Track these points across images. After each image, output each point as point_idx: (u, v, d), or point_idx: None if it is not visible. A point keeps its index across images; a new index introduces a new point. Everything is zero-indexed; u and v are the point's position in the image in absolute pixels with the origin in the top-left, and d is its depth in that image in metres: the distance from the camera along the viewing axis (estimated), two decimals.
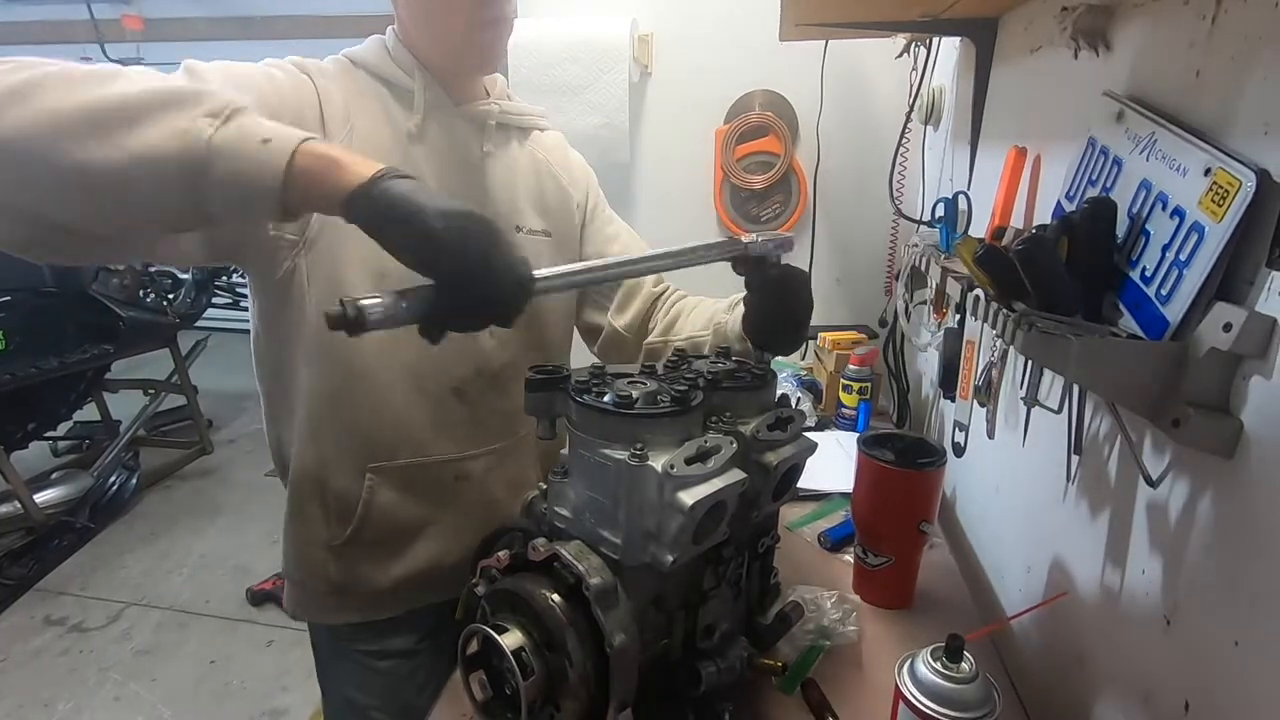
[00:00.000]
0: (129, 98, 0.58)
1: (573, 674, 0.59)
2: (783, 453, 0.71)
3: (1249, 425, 0.49)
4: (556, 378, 0.70)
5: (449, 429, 0.95)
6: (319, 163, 0.59)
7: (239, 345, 3.95)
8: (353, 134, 0.85)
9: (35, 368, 2.72)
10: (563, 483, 0.67)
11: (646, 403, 0.65)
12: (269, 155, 0.58)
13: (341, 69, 0.90)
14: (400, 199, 0.57)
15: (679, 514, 0.58)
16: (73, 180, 0.57)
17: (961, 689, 0.57)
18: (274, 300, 0.88)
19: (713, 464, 0.62)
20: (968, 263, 0.69)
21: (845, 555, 1.04)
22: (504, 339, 0.97)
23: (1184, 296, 0.54)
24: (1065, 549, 0.78)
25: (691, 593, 0.69)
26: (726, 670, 0.69)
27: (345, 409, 0.90)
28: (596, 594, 0.59)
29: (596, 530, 0.64)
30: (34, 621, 2.38)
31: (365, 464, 0.92)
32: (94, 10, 4.74)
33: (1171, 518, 0.58)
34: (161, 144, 0.57)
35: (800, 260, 1.83)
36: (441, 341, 0.59)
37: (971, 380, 0.84)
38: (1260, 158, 0.49)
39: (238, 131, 0.58)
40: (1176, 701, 0.55)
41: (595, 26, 1.70)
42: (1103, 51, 0.75)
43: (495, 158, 0.97)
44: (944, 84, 1.44)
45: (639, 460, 0.60)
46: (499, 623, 0.61)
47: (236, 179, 0.58)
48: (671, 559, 0.60)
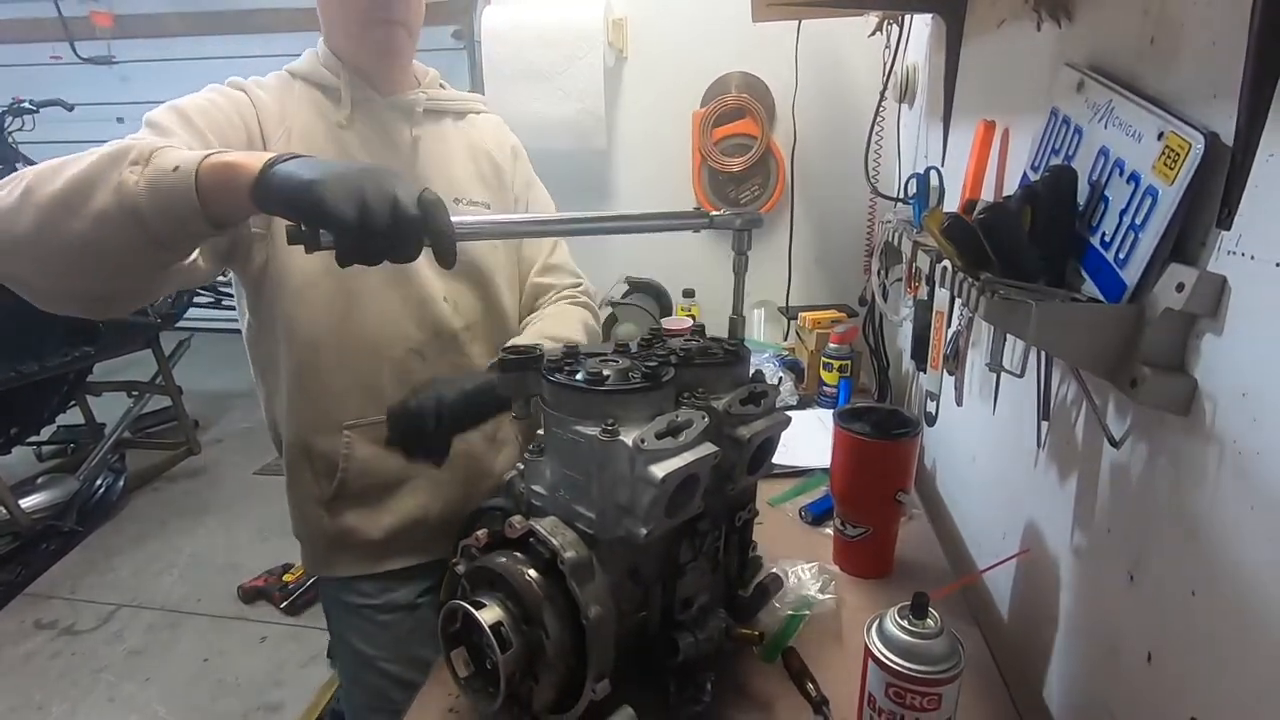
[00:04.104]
0: (79, 175, 0.68)
1: (550, 646, 0.60)
2: (755, 426, 0.72)
3: (1203, 382, 0.51)
4: (530, 357, 0.71)
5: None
6: (220, 171, 0.66)
7: (222, 345, 3.91)
8: (290, 133, 0.98)
9: (15, 372, 2.69)
10: (538, 460, 0.68)
11: (618, 380, 0.65)
12: (180, 179, 0.66)
13: (280, 81, 1.03)
14: (284, 174, 0.64)
15: (651, 487, 0.60)
16: (72, 255, 0.69)
17: (928, 644, 0.58)
18: (254, 291, 1.01)
19: (684, 438, 0.63)
20: (935, 234, 0.70)
21: (826, 529, 1.05)
22: (457, 303, 1.07)
23: (1139, 259, 0.55)
24: (1037, 512, 0.80)
25: (668, 566, 0.71)
26: (705, 641, 0.70)
27: (316, 377, 1.01)
28: (571, 567, 0.61)
29: (571, 506, 0.65)
30: (24, 626, 2.36)
31: (341, 423, 1.03)
32: (62, 7, 4.65)
33: (1133, 476, 0.60)
34: (106, 203, 0.67)
35: (780, 241, 1.84)
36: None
37: (941, 350, 0.85)
38: (1209, 121, 0.50)
39: (155, 170, 0.67)
40: (1140, 653, 0.57)
41: (568, 11, 1.69)
42: (1064, 22, 0.76)
43: (427, 140, 1.08)
44: (917, 61, 1.45)
45: (610, 436, 0.61)
46: (478, 599, 0.62)
47: (165, 210, 0.67)
48: (645, 532, 0.61)
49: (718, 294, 1.82)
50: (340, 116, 1.01)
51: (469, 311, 1.09)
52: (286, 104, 1.00)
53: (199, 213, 0.67)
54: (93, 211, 0.67)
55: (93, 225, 0.67)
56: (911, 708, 0.59)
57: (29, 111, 3.36)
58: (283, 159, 0.65)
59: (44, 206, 0.68)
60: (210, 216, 0.68)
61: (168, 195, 0.66)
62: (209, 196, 0.67)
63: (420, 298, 1.03)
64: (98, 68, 4.84)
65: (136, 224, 0.67)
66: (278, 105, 0.99)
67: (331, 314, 0.99)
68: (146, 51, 4.78)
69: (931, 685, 0.58)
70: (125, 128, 0.78)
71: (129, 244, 0.69)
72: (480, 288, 1.11)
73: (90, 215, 0.67)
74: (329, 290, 0.98)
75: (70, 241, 0.68)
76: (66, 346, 2.90)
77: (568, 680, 0.62)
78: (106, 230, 0.68)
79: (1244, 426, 0.46)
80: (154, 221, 0.67)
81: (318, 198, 0.60)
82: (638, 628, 0.69)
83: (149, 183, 0.66)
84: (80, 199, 0.67)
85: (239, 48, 4.58)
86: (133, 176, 0.67)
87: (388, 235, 0.61)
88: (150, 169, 0.67)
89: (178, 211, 0.67)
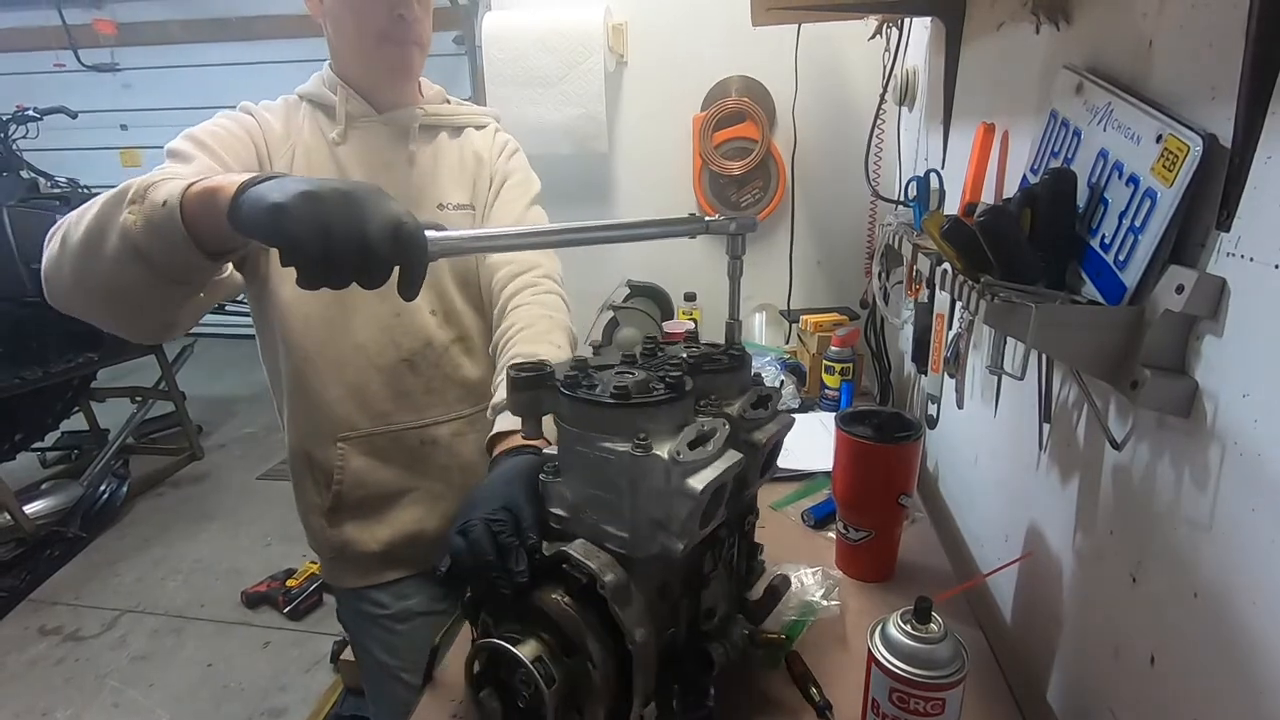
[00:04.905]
0: (91, 221, 0.70)
1: (596, 675, 0.57)
2: (768, 430, 0.71)
3: (1203, 384, 0.51)
4: (542, 375, 0.67)
5: (406, 398, 1.06)
6: (204, 198, 0.65)
7: (226, 350, 3.92)
8: (295, 150, 1.01)
9: (19, 378, 2.70)
10: (556, 482, 0.65)
11: (640, 392, 0.63)
12: (169, 213, 0.66)
13: (287, 103, 1.06)
14: (254, 197, 0.59)
15: (689, 500, 0.58)
16: (105, 296, 0.72)
17: (931, 649, 0.58)
18: (257, 300, 1.03)
19: (711, 447, 0.61)
20: (935, 237, 0.70)
21: (828, 532, 1.05)
22: (446, 315, 1.06)
23: (1139, 261, 0.55)
24: (1039, 515, 0.80)
25: (693, 578, 0.68)
26: (732, 649, 0.69)
27: (310, 386, 1.02)
28: (612, 591, 0.58)
29: (600, 526, 0.62)
30: (28, 632, 2.37)
31: (335, 434, 1.03)
32: (65, 16, 4.67)
33: (1135, 478, 0.60)
34: (115, 246, 0.68)
35: (781, 244, 1.85)
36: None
37: (941, 353, 0.85)
38: (1207, 123, 0.50)
39: (149, 206, 0.67)
40: (1143, 654, 0.57)
41: (568, 16, 1.70)
42: (1063, 25, 0.76)
43: (422, 154, 1.08)
44: (917, 64, 1.45)
45: (644, 450, 0.58)
46: (509, 634, 0.59)
47: (163, 245, 0.67)
48: (682, 546, 0.59)
49: (720, 297, 1.81)
50: (334, 133, 1.03)
51: (459, 323, 1.09)
52: (291, 124, 1.03)
53: (190, 244, 0.66)
54: (108, 257, 0.68)
55: (110, 268, 0.69)
56: (915, 713, 0.59)
57: (33, 119, 3.38)
58: (260, 179, 0.61)
59: (74, 255, 0.71)
60: (202, 246, 0.66)
61: (160, 230, 0.66)
62: (195, 226, 0.65)
63: (409, 309, 1.03)
64: (101, 75, 4.87)
65: (141, 262, 0.67)
66: (282, 126, 1.02)
67: (322, 323, 1.00)
68: (149, 59, 4.81)
69: (935, 690, 0.58)
70: (128, 135, 0.80)
71: (141, 281, 0.70)
72: (472, 299, 1.10)
73: (107, 259, 0.68)
74: (321, 300, 0.98)
75: (100, 285, 0.71)
76: (70, 352, 2.91)
77: (613, 710, 0.60)
78: (123, 273, 0.69)
79: (1245, 428, 0.46)
80: (157, 259, 0.67)
81: (279, 225, 0.56)
82: (668, 644, 0.66)
83: (145, 219, 0.66)
84: (97, 244, 0.69)
85: (241, 55, 4.61)
86: (131, 216, 0.67)
87: (355, 268, 0.56)
88: (145, 205, 0.67)
89: (172, 247, 0.66)
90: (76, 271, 0.71)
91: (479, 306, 1.10)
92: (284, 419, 1.08)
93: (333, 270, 0.56)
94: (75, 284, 0.72)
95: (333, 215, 0.55)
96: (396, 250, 0.56)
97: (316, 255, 0.55)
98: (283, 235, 0.55)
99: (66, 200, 2.99)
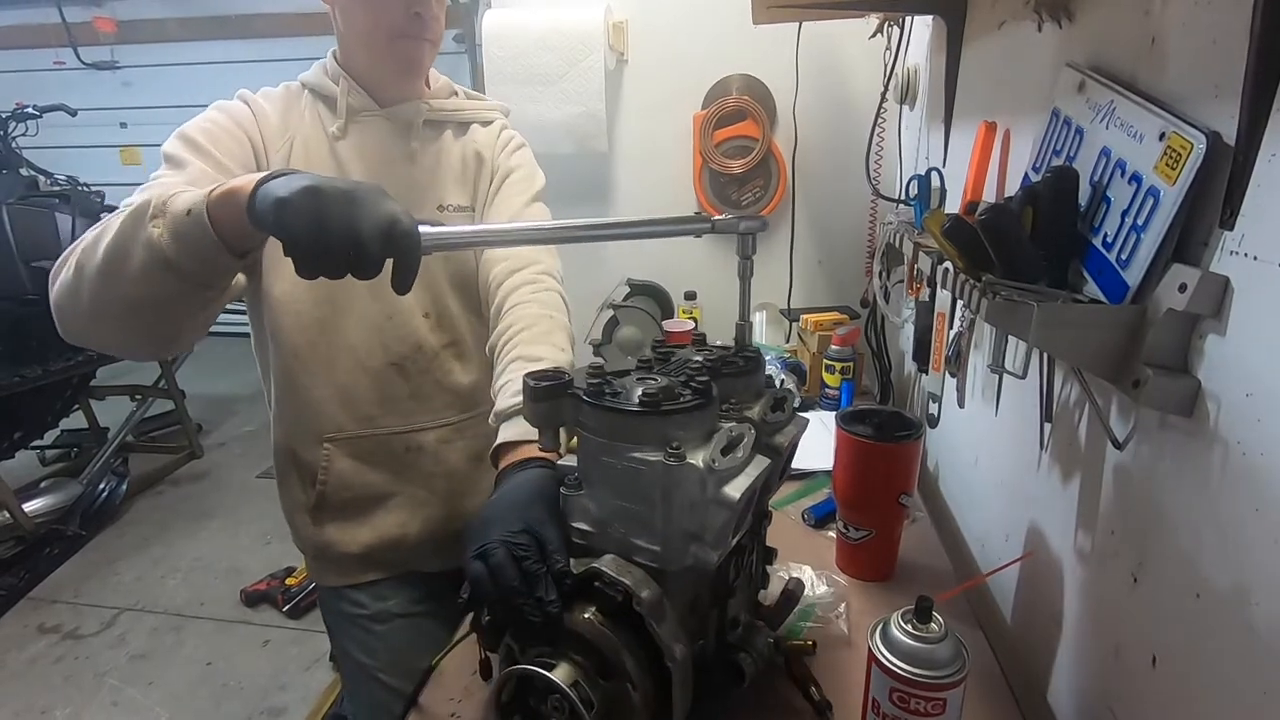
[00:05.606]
0: (112, 243, 0.71)
1: (635, 696, 0.55)
2: (788, 432, 0.70)
3: (1206, 383, 0.50)
4: (562, 384, 0.64)
5: (393, 403, 1.05)
6: (225, 201, 0.67)
7: (225, 349, 3.91)
8: (293, 142, 0.99)
9: (19, 376, 2.69)
10: (579, 495, 0.62)
11: (669, 399, 0.60)
12: (196, 220, 0.67)
13: (287, 91, 1.04)
14: (264, 192, 0.62)
15: (724, 509, 0.56)
16: (129, 315, 0.74)
17: (932, 649, 0.58)
18: (252, 296, 1.01)
19: (742, 453, 0.60)
20: (936, 235, 0.70)
21: (828, 531, 1.05)
22: (440, 319, 1.05)
23: (1142, 260, 0.55)
24: (1041, 514, 0.80)
25: (721, 588, 0.67)
26: (759, 658, 0.68)
27: (298, 384, 1.01)
28: (649, 607, 0.56)
29: (628, 540, 0.60)
30: (28, 630, 2.36)
31: (322, 434, 1.03)
32: (65, 13, 4.66)
33: (1137, 478, 0.59)
34: (142, 262, 0.69)
35: (781, 243, 1.84)
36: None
37: (942, 352, 0.85)
38: (1211, 120, 0.50)
39: (172, 218, 0.68)
40: (1145, 655, 0.57)
41: (569, 14, 1.70)
42: (1065, 23, 0.76)
43: (425, 150, 1.06)
44: (918, 63, 1.45)
45: (678, 459, 0.56)
46: (540, 659, 0.57)
47: (193, 253, 0.69)
48: (717, 556, 0.58)
49: (719, 296, 1.83)
50: (334, 127, 1.01)
51: (453, 328, 1.07)
52: (291, 115, 1.01)
53: (220, 247, 0.69)
54: (133, 274, 0.70)
55: (137, 285, 0.71)
56: (916, 713, 0.59)
57: (32, 116, 3.37)
58: (272, 176, 0.64)
59: (94, 279, 0.72)
60: (231, 248, 0.69)
61: (189, 239, 0.68)
62: (223, 229, 0.68)
63: (402, 311, 1.02)
64: (100, 73, 4.86)
65: (172, 273, 0.69)
66: (280, 116, 1.00)
67: (313, 322, 0.99)
68: (149, 57, 4.80)
69: (936, 690, 0.58)
70: (128, 132, 0.79)
71: (173, 292, 0.72)
72: (469, 303, 1.07)
73: (132, 278, 0.70)
74: (311, 298, 0.98)
75: (125, 304, 0.73)
76: (70, 350, 2.90)
77: None
78: (150, 286, 0.71)
79: (1248, 427, 0.46)
80: (186, 266, 0.69)
81: (280, 217, 0.59)
82: (697, 656, 0.64)
83: (171, 232, 0.68)
84: (120, 264, 0.70)
85: (240, 53, 4.61)
86: (156, 230, 0.68)
87: (347, 259, 0.59)
88: (169, 219, 0.69)
89: (203, 252, 0.69)
90: (97, 293, 0.73)
91: (475, 310, 1.08)
92: (272, 415, 1.07)
93: (327, 260, 0.59)
94: (94, 307, 0.74)
95: (330, 209, 0.58)
96: (388, 244, 0.59)
97: (312, 246, 0.58)
98: (283, 227, 0.59)
99: (66, 198, 2.97)
